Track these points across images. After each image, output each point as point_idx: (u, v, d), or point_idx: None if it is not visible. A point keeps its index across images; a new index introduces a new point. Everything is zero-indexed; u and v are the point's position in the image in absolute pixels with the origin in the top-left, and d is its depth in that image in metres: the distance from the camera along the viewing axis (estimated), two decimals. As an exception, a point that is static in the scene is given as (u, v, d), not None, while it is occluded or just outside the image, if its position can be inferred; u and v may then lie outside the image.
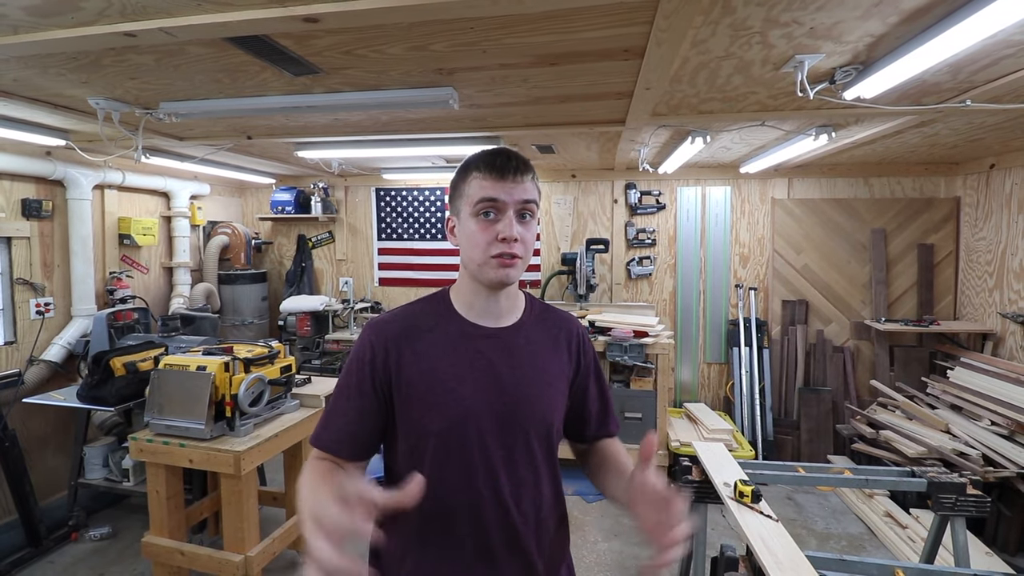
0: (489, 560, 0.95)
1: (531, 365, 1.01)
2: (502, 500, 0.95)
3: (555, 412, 1.02)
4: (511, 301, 1.04)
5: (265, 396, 2.42)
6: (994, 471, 2.74)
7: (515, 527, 0.96)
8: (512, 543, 0.96)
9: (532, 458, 0.98)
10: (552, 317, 1.11)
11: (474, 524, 0.95)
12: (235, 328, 4.51)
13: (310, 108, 2.24)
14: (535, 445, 0.98)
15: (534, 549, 0.98)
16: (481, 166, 0.95)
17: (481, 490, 0.95)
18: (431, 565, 0.96)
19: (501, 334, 1.01)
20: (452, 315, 1.02)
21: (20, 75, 1.93)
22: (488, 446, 0.95)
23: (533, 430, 0.98)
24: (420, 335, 0.99)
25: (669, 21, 1.35)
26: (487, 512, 0.95)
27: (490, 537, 0.95)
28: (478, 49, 1.67)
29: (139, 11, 1.36)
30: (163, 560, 2.37)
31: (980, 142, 3.14)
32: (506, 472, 0.96)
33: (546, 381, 1.02)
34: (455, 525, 0.95)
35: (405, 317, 1.03)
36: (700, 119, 2.53)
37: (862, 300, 4.12)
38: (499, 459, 0.95)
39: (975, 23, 1.34)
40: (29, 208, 3.16)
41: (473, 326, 1.00)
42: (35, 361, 3.19)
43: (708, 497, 2.10)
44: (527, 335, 1.03)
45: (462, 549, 0.95)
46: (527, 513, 0.97)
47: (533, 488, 0.99)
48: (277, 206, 4.83)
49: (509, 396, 0.96)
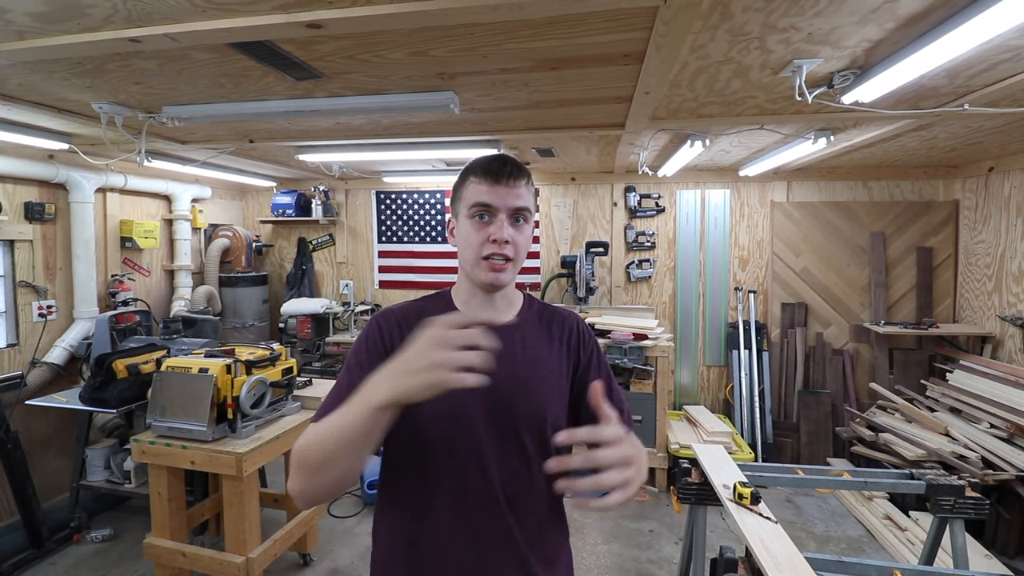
0: (478, 548, 0.97)
1: (524, 360, 1.03)
2: (491, 490, 0.97)
3: (548, 406, 1.03)
4: (507, 301, 1.09)
5: (267, 398, 2.43)
6: (993, 474, 2.75)
7: (504, 518, 0.98)
8: (502, 533, 0.98)
9: (523, 450, 1.00)
10: (550, 315, 1.13)
11: (464, 515, 0.97)
12: (236, 330, 4.52)
13: (312, 112, 2.25)
14: (526, 437, 1.00)
15: (523, 541, 0.99)
16: (478, 171, 1.00)
17: (470, 479, 0.97)
18: (422, 554, 0.98)
19: (497, 330, 1.02)
20: (451, 311, 1.06)
21: (25, 80, 1.95)
22: (478, 436, 0.97)
23: (524, 422, 1.00)
24: (420, 326, 1.01)
25: (668, 27, 1.36)
26: (476, 502, 0.97)
27: (479, 527, 0.97)
28: (479, 54, 1.68)
29: (144, 17, 1.37)
30: (165, 561, 2.38)
31: (978, 145, 3.15)
32: (496, 463, 0.98)
33: (540, 375, 1.04)
34: (445, 514, 0.97)
35: (409, 309, 1.08)
36: (699, 123, 2.54)
37: (861, 303, 4.13)
38: (489, 450, 0.98)
39: (972, 28, 1.35)
40: (32, 211, 3.18)
41: None
42: (37, 363, 3.20)
43: (707, 499, 2.11)
44: (522, 331, 1.07)
45: (452, 538, 0.97)
46: (518, 507, 0.99)
47: (526, 482, 1.00)
48: (278, 209, 4.84)
49: (500, 389, 0.96)
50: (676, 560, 2.88)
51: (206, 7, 1.31)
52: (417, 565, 0.99)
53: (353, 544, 3.08)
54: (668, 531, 3.21)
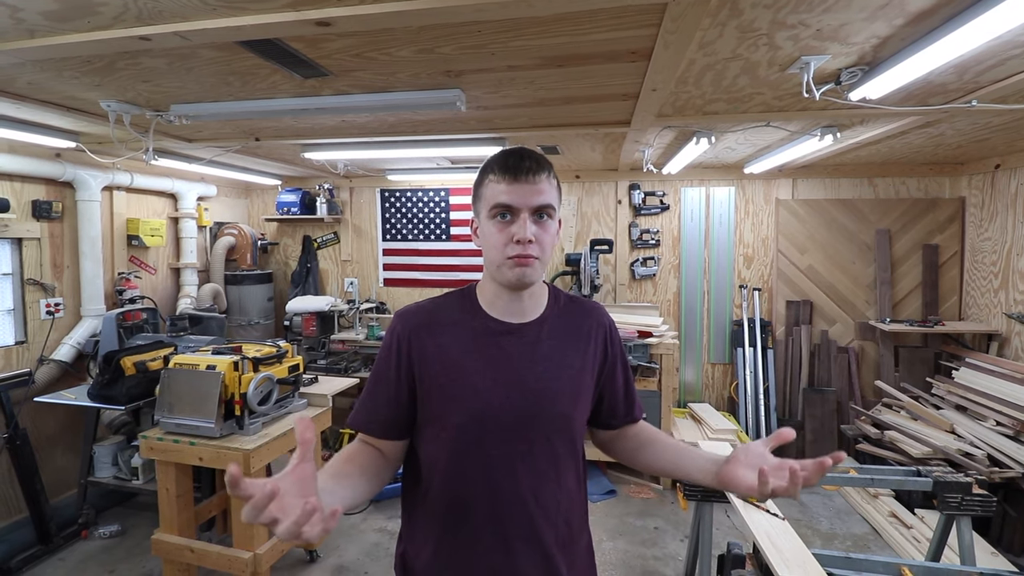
0: (506, 552, 0.96)
1: (552, 359, 1.01)
2: (520, 493, 0.96)
3: (577, 406, 1.02)
4: (534, 299, 1.04)
5: (273, 395, 2.45)
6: (1000, 471, 2.74)
7: (533, 521, 0.97)
8: (530, 537, 0.97)
9: (552, 452, 0.99)
10: (578, 309, 1.10)
11: (492, 516, 0.96)
12: (241, 328, 4.53)
13: (319, 110, 2.26)
14: (555, 439, 0.99)
15: (552, 543, 0.98)
16: (496, 168, 0.95)
17: (499, 483, 0.96)
18: (448, 554, 0.98)
19: (523, 329, 1.02)
20: (476, 310, 1.03)
21: (35, 78, 1.96)
22: (507, 440, 0.97)
23: (553, 424, 0.99)
24: (444, 328, 1.02)
25: (677, 23, 1.36)
26: (505, 505, 0.96)
27: (507, 530, 0.96)
28: (486, 52, 1.68)
29: (154, 15, 1.38)
30: (173, 557, 2.39)
31: (986, 142, 3.14)
32: (525, 466, 0.97)
33: (568, 375, 1.02)
34: (473, 516, 0.97)
35: (432, 309, 1.05)
36: (705, 120, 2.54)
37: (867, 300, 4.12)
38: (518, 453, 0.97)
39: (981, 25, 1.34)
40: (39, 209, 3.20)
41: (496, 322, 1.02)
42: (45, 361, 3.22)
43: (713, 497, 2.11)
44: (550, 329, 1.04)
45: (480, 540, 0.97)
46: (547, 507, 0.98)
47: (554, 482, 0.99)
48: (283, 207, 4.85)
49: (529, 391, 0.97)
50: (682, 557, 2.89)
51: (216, 5, 1.32)
52: (444, 565, 0.98)
53: (359, 540, 3.09)
54: (674, 528, 3.21)
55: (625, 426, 1.15)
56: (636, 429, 1.15)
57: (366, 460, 0.98)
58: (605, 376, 1.10)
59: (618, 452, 1.17)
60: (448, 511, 0.98)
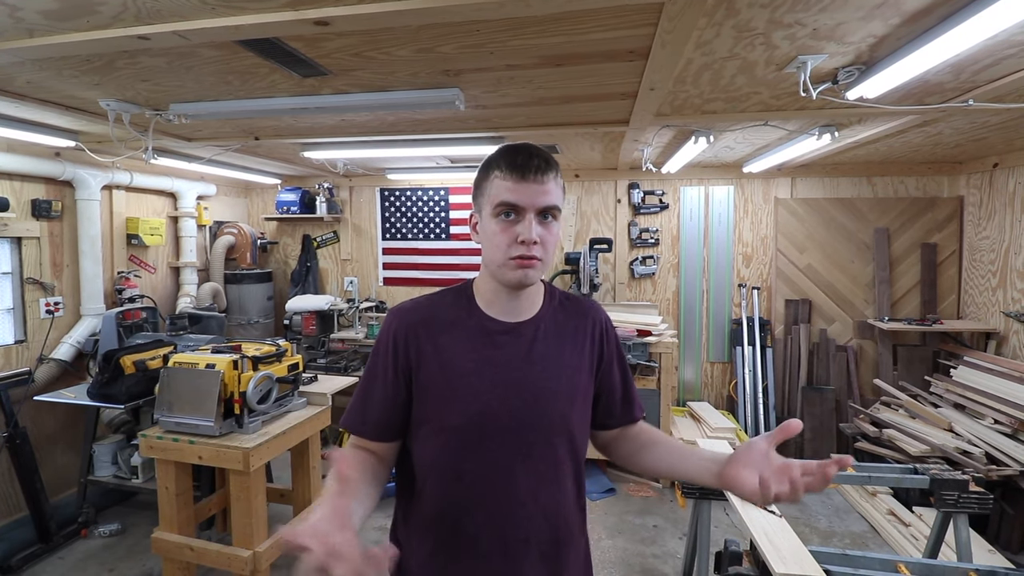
0: (504, 554, 0.95)
1: (549, 359, 1.00)
2: (519, 495, 0.95)
3: (575, 406, 1.01)
4: (530, 298, 1.03)
5: (273, 394, 2.45)
6: (997, 469, 2.75)
7: (532, 523, 0.96)
8: (529, 539, 0.96)
9: (552, 454, 0.98)
10: (573, 307, 1.08)
11: (490, 518, 0.95)
12: (241, 327, 4.54)
13: (318, 109, 2.26)
14: (555, 440, 0.98)
15: (552, 545, 0.98)
16: (502, 165, 0.92)
17: (498, 485, 0.95)
18: (445, 556, 0.97)
19: (520, 328, 1.00)
20: (473, 309, 1.01)
21: (34, 77, 1.96)
22: (507, 442, 0.95)
23: (552, 425, 0.97)
24: (441, 328, 1.00)
25: (674, 23, 1.37)
26: (503, 507, 0.95)
27: (506, 532, 0.95)
28: (485, 51, 1.69)
29: (153, 15, 1.38)
30: (173, 555, 2.40)
31: (983, 141, 3.15)
32: (524, 468, 0.95)
33: (566, 375, 1.00)
34: (471, 518, 0.95)
35: (428, 307, 1.03)
36: (703, 119, 2.54)
37: (865, 299, 4.13)
38: (517, 455, 0.95)
39: (977, 24, 1.35)
40: (39, 208, 3.20)
41: (493, 321, 1.00)
42: (45, 360, 3.23)
43: (712, 495, 2.12)
44: (545, 328, 1.02)
45: (478, 542, 0.95)
46: (546, 509, 0.97)
47: (553, 484, 0.98)
48: (282, 206, 4.86)
49: (527, 392, 0.96)
50: (680, 555, 2.89)
51: (215, 4, 1.32)
52: (441, 567, 0.97)
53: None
54: (672, 526, 3.22)
55: (624, 426, 1.12)
56: (636, 430, 1.13)
57: (367, 468, 0.96)
58: (601, 374, 1.08)
59: (619, 455, 1.14)
60: (445, 512, 0.96)
